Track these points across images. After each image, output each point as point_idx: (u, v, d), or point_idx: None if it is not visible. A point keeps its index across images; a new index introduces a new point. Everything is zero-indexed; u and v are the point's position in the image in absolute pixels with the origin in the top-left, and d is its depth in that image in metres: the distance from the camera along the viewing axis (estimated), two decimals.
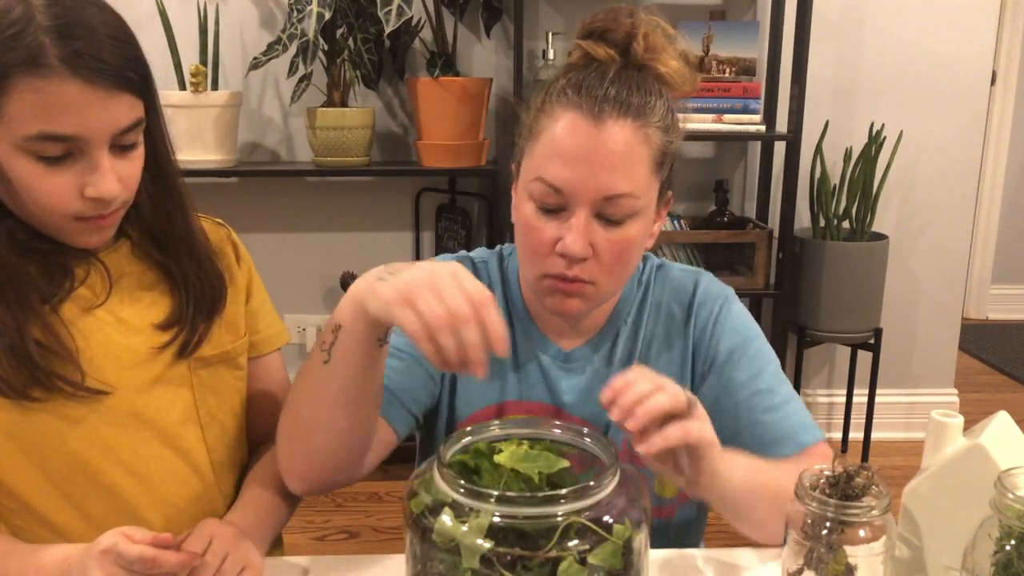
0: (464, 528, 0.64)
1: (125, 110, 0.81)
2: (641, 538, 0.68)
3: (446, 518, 0.65)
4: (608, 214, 0.88)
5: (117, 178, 0.83)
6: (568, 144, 0.87)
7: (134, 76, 0.81)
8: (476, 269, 1.04)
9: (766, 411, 0.95)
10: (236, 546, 0.82)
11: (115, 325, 0.90)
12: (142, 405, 0.90)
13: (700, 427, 0.75)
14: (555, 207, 0.89)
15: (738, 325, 1.00)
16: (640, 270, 1.04)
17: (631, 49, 0.92)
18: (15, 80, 0.76)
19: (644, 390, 0.73)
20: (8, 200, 0.83)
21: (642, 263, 1.05)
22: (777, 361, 1.00)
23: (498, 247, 1.08)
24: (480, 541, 0.63)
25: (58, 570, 0.78)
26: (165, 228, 0.93)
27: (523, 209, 0.92)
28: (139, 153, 0.86)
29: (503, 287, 1.03)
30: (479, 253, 1.07)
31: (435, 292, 0.72)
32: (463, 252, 1.07)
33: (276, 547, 1.03)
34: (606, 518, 0.66)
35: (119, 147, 0.83)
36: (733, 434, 0.94)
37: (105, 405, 0.87)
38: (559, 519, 0.64)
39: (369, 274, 0.80)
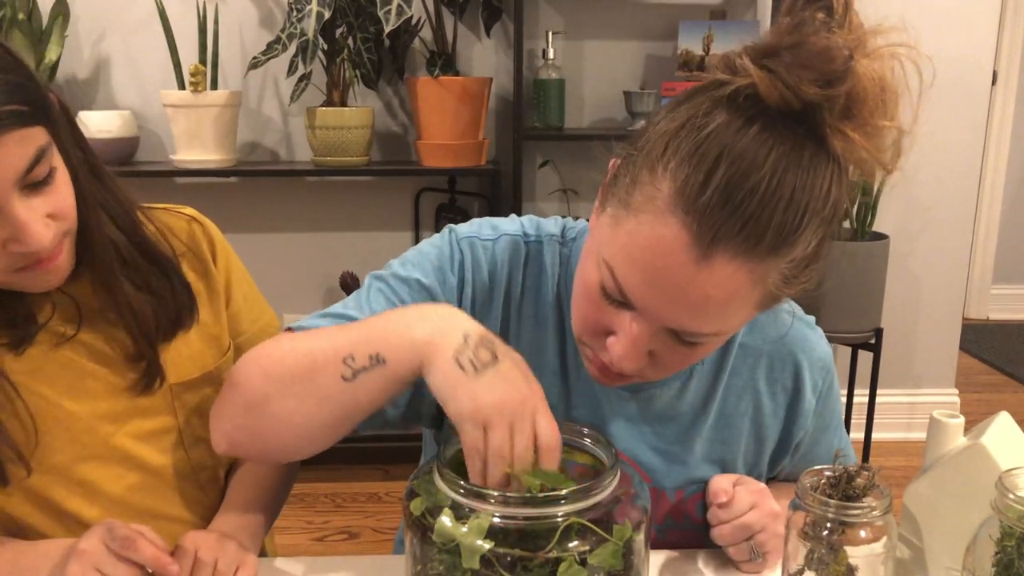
0: (464, 529, 0.64)
1: (17, 149, 0.70)
2: (641, 538, 0.68)
3: (446, 519, 0.64)
4: (682, 336, 0.71)
5: (44, 217, 0.74)
6: (655, 265, 0.67)
7: (18, 107, 0.70)
8: (527, 251, 0.88)
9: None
10: (223, 549, 0.81)
11: (89, 357, 0.86)
12: (121, 438, 0.87)
13: (776, 545, 0.82)
14: (620, 301, 0.72)
15: (835, 399, 0.95)
16: None
17: (821, 108, 0.64)
18: None
19: (742, 508, 0.83)
20: None
21: None
22: (842, 416, 0.99)
23: (561, 224, 0.90)
24: (480, 542, 0.63)
25: (58, 556, 0.77)
26: (107, 252, 0.84)
27: (587, 271, 0.74)
28: (61, 178, 0.77)
29: (558, 284, 0.87)
30: (537, 229, 0.89)
31: (511, 427, 0.67)
32: (521, 225, 0.89)
33: (270, 551, 1.02)
34: (606, 519, 0.66)
35: (32, 185, 0.73)
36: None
37: (81, 441, 0.85)
38: (559, 520, 0.64)
39: (446, 329, 0.71)
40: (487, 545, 0.63)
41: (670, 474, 0.89)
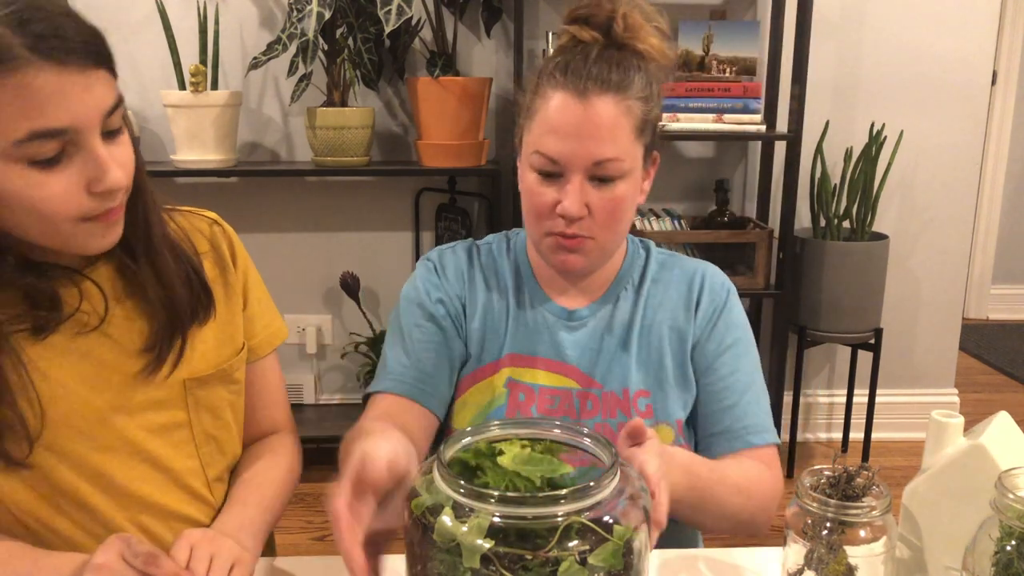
0: (464, 528, 0.64)
1: (105, 88, 0.77)
2: (641, 538, 0.68)
3: (446, 518, 0.64)
4: (599, 175, 0.99)
5: (118, 165, 0.78)
6: (560, 120, 0.98)
7: (102, 50, 0.77)
8: (479, 250, 1.16)
9: (729, 407, 1.07)
10: (218, 547, 0.81)
11: (108, 346, 0.86)
12: (133, 430, 0.87)
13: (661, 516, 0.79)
14: (553, 174, 1.00)
15: (736, 320, 1.12)
16: (643, 251, 1.15)
17: (612, 30, 1.02)
18: None
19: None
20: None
21: (645, 250, 1.16)
22: (758, 360, 1.11)
23: (505, 232, 1.20)
24: (480, 541, 0.63)
25: (70, 571, 0.77)
26: (143, 235, 0.86)
27: (526, 178, 1.03)
28: (127, 136, 0.81)
29: (509, 254, 1.16)
30: (485, 238, 1.19)
31: None
32: (470, 240, 1.19)
33: (268, 551, 1.02)
34: (606, 518, 0.66)
35: (108, 133, 0.78)
36: (697, 413, 1.09)
37: (94, 430, 0.85)
38: (559, 519, 0.64)
39: None
40: (487, 544, 0.63)
41: (614, 377, 1.08)
